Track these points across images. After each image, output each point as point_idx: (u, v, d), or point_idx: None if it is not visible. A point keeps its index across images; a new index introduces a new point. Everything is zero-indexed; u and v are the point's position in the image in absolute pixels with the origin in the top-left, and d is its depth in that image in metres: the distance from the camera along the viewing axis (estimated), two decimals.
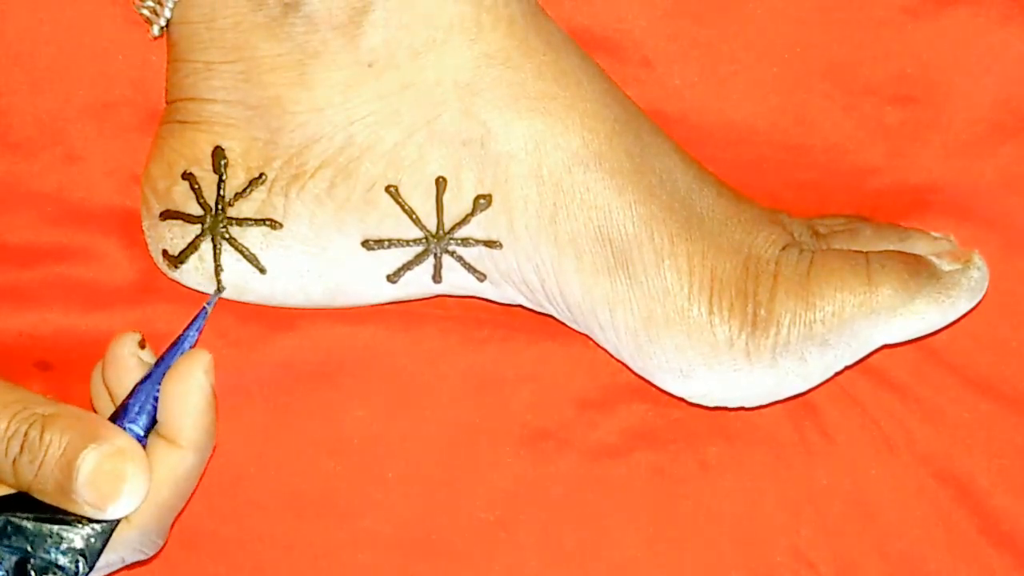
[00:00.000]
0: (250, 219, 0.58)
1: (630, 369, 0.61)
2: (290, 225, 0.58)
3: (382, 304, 0.63)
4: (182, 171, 0.58)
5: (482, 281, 0.59)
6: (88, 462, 0.51)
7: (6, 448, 0.51)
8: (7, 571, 0.52)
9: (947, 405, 0.64)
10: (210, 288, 0.59)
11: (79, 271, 0.63)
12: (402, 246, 0.58)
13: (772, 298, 0.57)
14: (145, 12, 0.59)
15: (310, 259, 0.58)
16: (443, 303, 0.64)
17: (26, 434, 0.51)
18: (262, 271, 0.58)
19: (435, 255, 0.58)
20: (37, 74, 0.62)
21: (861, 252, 0.59)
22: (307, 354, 0.63)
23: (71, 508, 0.52)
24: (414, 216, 0.57)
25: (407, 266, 0.58)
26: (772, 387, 0.58)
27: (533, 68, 0.56)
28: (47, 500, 0.52)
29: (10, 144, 0.63)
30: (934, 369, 0.64)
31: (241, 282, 0.59)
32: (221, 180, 0.58)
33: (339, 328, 0.63)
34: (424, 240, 0.58)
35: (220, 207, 0.58)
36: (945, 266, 0.59)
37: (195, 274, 0.59)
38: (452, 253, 0.58)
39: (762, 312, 0.57)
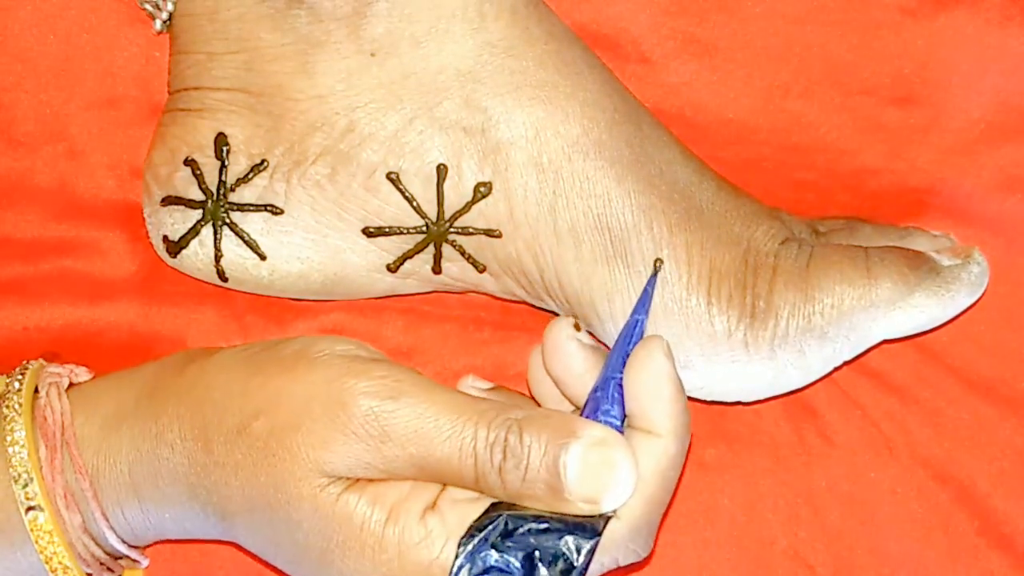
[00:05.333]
0: (251, 205, 0.58)
1: None
2: (291, 211, 0.58)
3: (382, 299, 0.63)
4: (184, 157, 0.58)
5: (482, 272, 0.59)
6: (574, 456, 0.50)
7: (490, 456, 0.50)
8: (519, 563, 0.50)
9: (947, 407, 0.63)
10: (211, 275, 0.59)
11: (82, 265, 0.63)
12: (402, 234, 0.58)
13: (771, 290, 0.58)
14: (148, 7, 0.60)
15: (310, 246, 0.58)
16: (444, 301, 0.64)
17: (506, 439, 0.50)
18: (262, 257, 0.58)
19: (435, 244, 0.58)
20: (40, 70, 0.63)
21: (860, 246, 0.59)
22: None
23: (563, 508, 0.50)
24: (415, 203, 0.57)
25: (407, 255, 0.58)
26: (771, 380, 0.58)
27: (535, 57, 0.57)
28: (538, 505, 0.50)
29: (13, 140, 0.63)
30: (934, 371, 0.64)
31: (241, 269, 0.59)
32: (223, 166, 0.58)
33: (338, 329, 0.63)
34: (424, 228, 0.58)
35: (221, 192, 0.58)
36: (945, 261, 0.59)
37: (195, 260, 0.59)
38: (452, 242, 0.58)
39: (761, 304, 0.57)
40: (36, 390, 0.56)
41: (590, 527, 0.50)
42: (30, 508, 0.53)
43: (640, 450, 0.51)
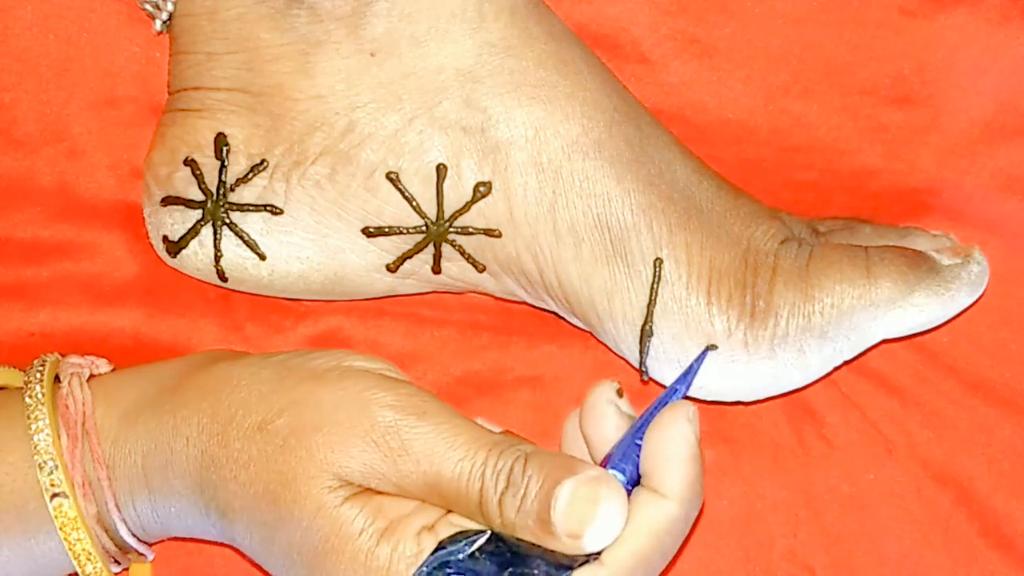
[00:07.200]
0: (250, 205, 0.58)
1: (629, 366, 0.61)
2: (291, 211, 0.58)
3: (381, 304, 0.63)
4: (184, 157, 0.59)
5: (481, 272, 0.59)
6: (565, 490, 0.50)
7: (495, 483, 0.51)
8: (488, 572, 0.51)
9: (947, 408, 0.63)
10: (210, 275, 0.59)
11: (84, 267, 0.63)
12: (402, 234, 0.58)
13: (771, 289, 0.58)
14: (148, 7, 0.60)
15: (310, 246, 0.58)
16: (443, 304, 0.64)
17: (511, 469, 0.51)
18: (262, 257, 0.59)
19: (435, 244, 0.58)
20: (40, 70, 0.63)
21: (860, 246, 0.59)
22: None
23: (551, 544, 0.50)
24: (414, 203, 0.57)
25: (407, 255, 0.58)
26: (770, 380, 0.58)
27: (534, 56, 0.57)
28: (527, 537, 0.50)
29: (14, 140, 0.63)
30: (934, 372, 0.63)
31: (240, 268, 0.59)
32: (223, 166, 0.58)
33: (337, 334, 0.63)
34: (424, 228, 0.58)
35: (221, 192, 0.58)
36: (945, 260, 0.59)
37: (194, 260, 0.59)
38: (452, 242, 0.58)
39: (760, 303, 0.57)
40: (57, 379, 0.56)
41: (567, 565, 0.50)
42: (55, 495, 0.53)
43: (642, 505, 0.51)
